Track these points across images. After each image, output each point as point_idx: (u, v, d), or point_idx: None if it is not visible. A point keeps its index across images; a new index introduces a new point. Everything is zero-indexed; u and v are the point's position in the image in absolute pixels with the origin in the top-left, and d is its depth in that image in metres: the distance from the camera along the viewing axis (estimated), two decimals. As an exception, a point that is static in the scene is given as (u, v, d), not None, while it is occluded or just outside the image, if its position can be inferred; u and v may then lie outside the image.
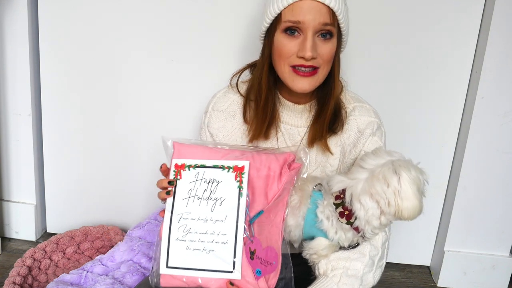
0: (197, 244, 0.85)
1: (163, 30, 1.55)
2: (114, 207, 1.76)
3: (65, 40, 1.58)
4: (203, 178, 0.88)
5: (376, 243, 1.00)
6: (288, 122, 1.09)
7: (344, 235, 0.93)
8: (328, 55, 0.97)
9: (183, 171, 0.89)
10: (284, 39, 0.96)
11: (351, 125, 1.07)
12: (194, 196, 0.87)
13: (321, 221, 0.93)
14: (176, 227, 0.87)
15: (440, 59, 1.54)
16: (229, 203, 0.86)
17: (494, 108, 1.53)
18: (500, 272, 1.69)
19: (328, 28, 0.95)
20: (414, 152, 1.54)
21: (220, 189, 0.87)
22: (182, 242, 0.86)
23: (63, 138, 1.69)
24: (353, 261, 0.97)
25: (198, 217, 0.86)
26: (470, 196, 1.62)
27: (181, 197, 0.88)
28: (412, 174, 0.89)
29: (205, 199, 0.87)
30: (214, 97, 1.13)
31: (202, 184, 0.88)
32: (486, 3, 1.48)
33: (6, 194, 1.75)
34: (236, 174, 0.87)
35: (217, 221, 0.85)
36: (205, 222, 0.86)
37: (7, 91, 1.64)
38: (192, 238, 0.85)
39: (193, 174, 0.89)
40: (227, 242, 0.84)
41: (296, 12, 0.93)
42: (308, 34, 0.94)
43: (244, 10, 1.50)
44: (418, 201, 0.89)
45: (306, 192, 0.96)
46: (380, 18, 1.51)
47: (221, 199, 0.86)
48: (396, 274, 1.75)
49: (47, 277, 1.50)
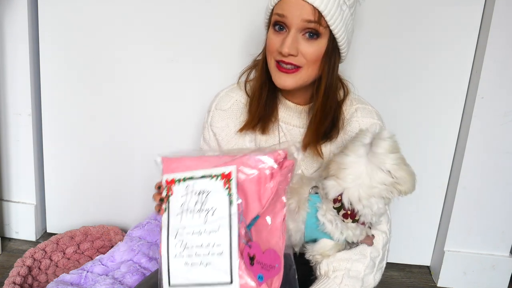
0: (194, 258, 0.84)
1: (163, 30, 1.55)
2: (114, 207, 1.76)
3: (65, 40, 1.58)
4: (193, 190, 0.86)
5: (377, 244, 1.00)
6: (289, 122, 1.09)
7: (352, 233, 0.93)
8: (311, 55, 0.96)
9: (173, 186, 0.88)
10: (272, 34, 0.98)
11: (353, 127, 1.07)
12: (187, 210, 0.85)
13: (324, 224, 0.93)
14: (173, 244, 0.85)
15: (440, 59, 1.54)
16: (220, 213, 0.84)
17: (494, 108, 1.53)
18: (500, 272, 1.69)
19: (312, 26, 0.94)
20: (414, 152, 1.55)
21: (210, 200, 0.85)
22: (181, 258, 0.84)
23: (63, 138, 1.69)
24: (355, 262, 0.97)
25: (192, 230, 0.84)
26: (470, 196, 1.62)
27: (175, 213, 0.87)
28: (392, 156, 0.87)
29: (197, 211, 0.85)
30: (217, 96, 1.13)
31: (193, 196, 0.86)
32: (486, 3, 1.48)
33: (6, 194, 1.75)
34: (225, 181, 0.85)
35: (211, 232, 0.83)
36: (199, 235, 0.84)
37: (7, 91, 1.64)
38: (189, 253, 0.84)
39: (183, 187, 0.87)
40: (222, 253, 0.82)
41: (282, 7, 0.95)
42: (291, 31, 0.94)
43: (246, 9, 1.50)
44: (412, 176, 0.89)
45: (302, 196, 0.95)
46: (379, 18, 1.51)
47: (212, 209, 0.84)
48: (396, 274, 1.75)
49: (47, 277, 1.50)
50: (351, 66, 1.51)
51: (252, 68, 1.11)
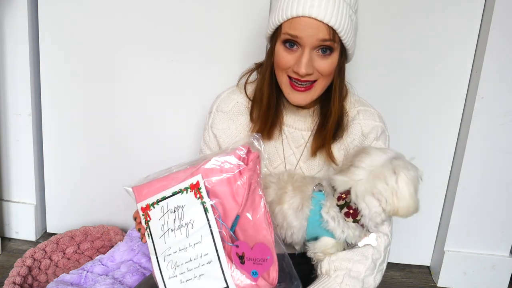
0: (187, 274, 0.85)
1: (163, 30, 1.55)
2: (114, 207, 1.76)
3: (65, 40, 1.58)
4: (169, 209, 0.87)
5: (379, 247, 1.01)
6: (292, 126, 1.09)
7: (352, 233, 0.94)
8: (327, 70, 0.96)
9: (149, 211, 0.89)
10: (283, 51, 0.96)
11: (355, 129, 1.07)
12: (168, 230, 0.87)
13: (327, 221, 0.94)
14: (164, 266, 0.87)
15: (440, 59, 1.54)
16: (199, 223, 0.85)
17: (494, 108, 1.53)
18: (500, 272, 1.69)
19: (327, 44, 0.93)
20: (414, 152, 1.54)
21: (187, 213, 0.86)
22: (175, 278, 0.86)
23: (63, 138, 1.69)
24: (356, 263, 0.97)
25: (178, 248, 0.86)
26: (470, 196, 1.62)
27: (158, 236, 0.88)
28: (411, 174, 0.89)
29: (177, 228, 0.86)
30: (218, 97, 1.13)
31: (170, 215, 0.87)
32: (486, 3, 1.48)
33: (6, 194, 1.75)
34: (195, 192, 0.86)
35: (195, 244, 0.85)
36: (185, 250, 0.85)
37: (7, 91, 1.64)
38: (181, 271, 0.85)
39: (159, 210, 0.88)
40: (211, 261, 0.83)
41: (294, 26, 0.92)
42: (305, 50, 0.93)
43: (246, 9, 1.50)
44: (413, 202, 0.90)
45: (306, 194, 0.97)
46: (379, 18, 1.51)
47: (191, 221, 0.85)
48: (396, 274, 1.75)
49: (47, 277, 1.50)
50: (350, 67, 1.51)
51: (252, 71, 1.11)
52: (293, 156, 1.09)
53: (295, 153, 1.09)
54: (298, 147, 1.09)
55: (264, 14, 1.48)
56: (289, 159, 1.09)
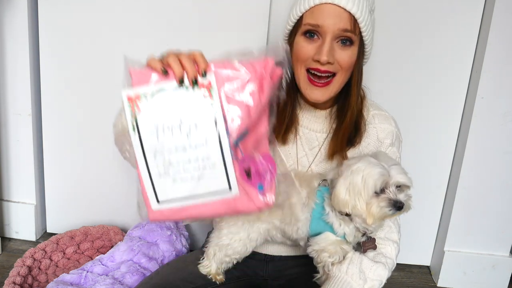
0: (183, 174, 0.78)
1: (163, 30, 1.54)
2: (114, 207, 1.76)
3: (65, 41, 1.58)
4: (168, 105, 0.77)
5: (391, 255, 1.05)
6: (307, 126, 1.08)
7: (347, 228, 0.95)
8: (346, 63, 0.96)
9: (139, 102, 0.78)
10: (303, 42, 0.96)
11: (370, 133, 1.06)
12: (163, 127, 0.77)
13: (328, 213, 0.96)
14: (154, 165, 0.78)
15: (440, 59, 1.54)
16: (205, 123, 0.76)
17: (494, 108, 1.53)
18: (500, 272, 1.69)
19: (348, 35, 0.94)
20: (414, 152, 1.55)
21: (190, 111, 0.76)
22: (167, 177, 0.78)
23: (63, 138, 1.69)
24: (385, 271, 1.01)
25: (175, 147, 0.77)
26: (470, 196, 1.62)
27: (148, 132, 0.78)
28: (352, 177, 0.91)
29: (176, 127, 0.77)
30: None
31: (167, 111, 0.77)
32: (486, 3, 1.48)
33: (6, 194, 1.75)
34: (204, 91, 0.76)
35: (198, 145, 0.76)
36: (184, 150, 0.77)
37: (7, 91, 1.64)
38: (176, 170, 0.77)
39: (154, 102, 0.77)
40: (215, 164, 0.77)
41: (316, 15, 0.93)
42: (327, 39, 0.93)
43: (247, 9, 1.50)
44: (338, 200, 0.93)
45: (312, 188, 0.99)
46: (379, 18, 1.50)
47: (195, 121, 0.76)
48: (396, 274, 1.75)
49: (47, 277, 1.50)
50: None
51: None
52: (305, 158, 1.08)
53: (308, 155, 1.08)
54: (311, 149, 1.08)
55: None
56: (301, 160, 1.09)
